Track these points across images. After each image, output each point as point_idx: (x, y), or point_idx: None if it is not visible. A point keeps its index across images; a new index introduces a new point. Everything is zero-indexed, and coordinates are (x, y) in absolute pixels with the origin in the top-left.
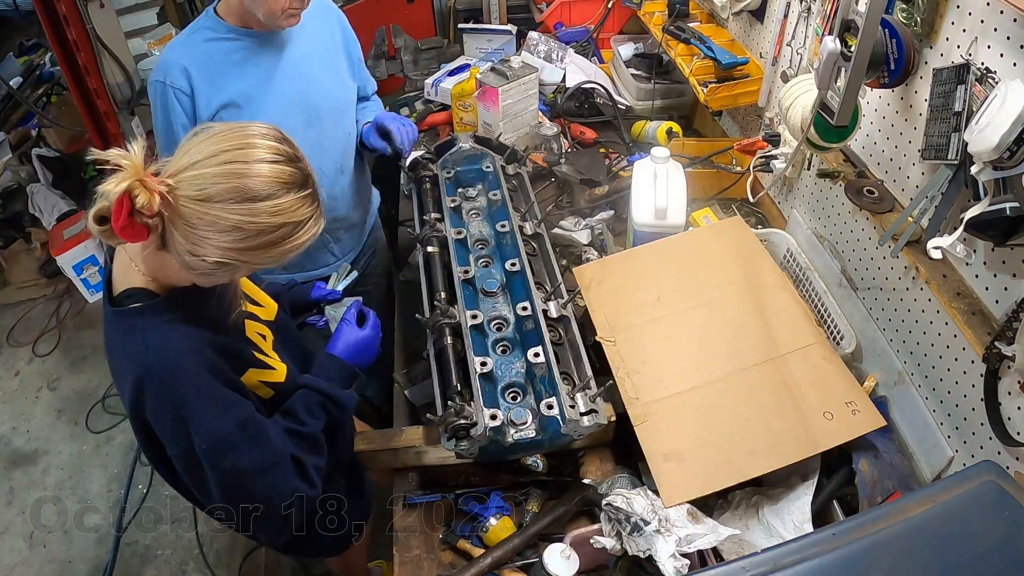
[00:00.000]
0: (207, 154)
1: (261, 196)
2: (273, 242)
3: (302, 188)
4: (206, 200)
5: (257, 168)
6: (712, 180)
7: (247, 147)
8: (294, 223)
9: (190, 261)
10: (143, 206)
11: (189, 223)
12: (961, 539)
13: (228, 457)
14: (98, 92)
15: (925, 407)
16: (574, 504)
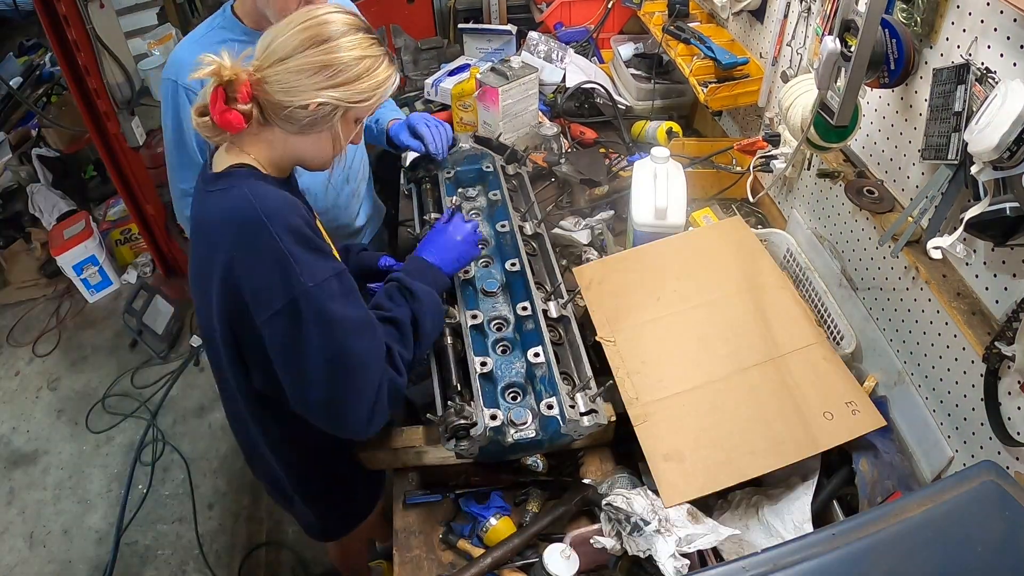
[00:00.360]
0: (278, 31)
1: (336, 36)
2: (359, 75)
3: (367, 31)
4: (289, 57)
5: (325, 17)
6: (712, 180)
7: (311, 9)
8: (372, 56)
9: (296, 115)
10: (234, 91)
11: (282, 83)
12: (961, 539)
13: (332, 302)
14: (98, 92)
15: (925, 407)
16: (574, 504)
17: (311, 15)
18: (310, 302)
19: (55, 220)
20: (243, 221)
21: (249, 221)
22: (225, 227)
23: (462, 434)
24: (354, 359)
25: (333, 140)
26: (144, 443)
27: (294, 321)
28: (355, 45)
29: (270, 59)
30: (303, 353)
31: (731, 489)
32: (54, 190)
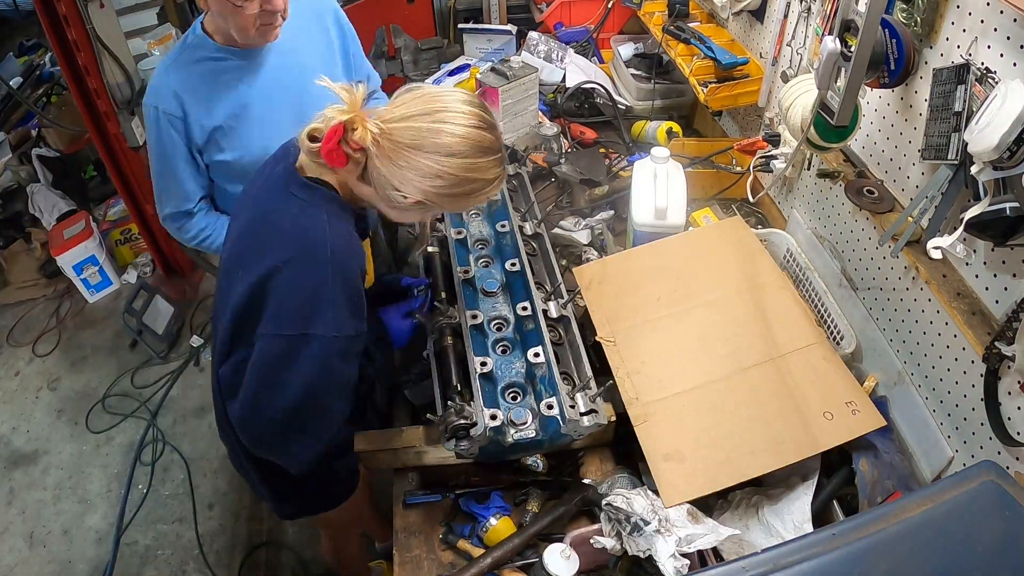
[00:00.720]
0: (419, 111)
1: (464, 154)
2: (465, 194)
3: (495, 152)
4: (416, 148)
5: (464, 130)
6: (712, 180)
7: (456, 111)
8: (484, 180)
9: (392, 195)
10: (355, 139)
11: (396, 164)
12: (961, 539)
13: (338, 358)
14: (98, 92)
15: (925, 407)
16: (574, 504)
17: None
18: (321, 347)
19: (55, 220)
20: (310, 246)
21: (316, 250)
22: (290, 239)
23: (462, 434)
24: (323, 410)
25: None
26: (144, 443)
27: (293, 351)
28: (475, 168)
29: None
30: (284, 382)
31: (731, 489)
32: (54, 190)
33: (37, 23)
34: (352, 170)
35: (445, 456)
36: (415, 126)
